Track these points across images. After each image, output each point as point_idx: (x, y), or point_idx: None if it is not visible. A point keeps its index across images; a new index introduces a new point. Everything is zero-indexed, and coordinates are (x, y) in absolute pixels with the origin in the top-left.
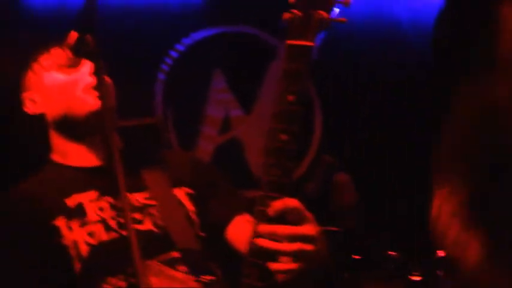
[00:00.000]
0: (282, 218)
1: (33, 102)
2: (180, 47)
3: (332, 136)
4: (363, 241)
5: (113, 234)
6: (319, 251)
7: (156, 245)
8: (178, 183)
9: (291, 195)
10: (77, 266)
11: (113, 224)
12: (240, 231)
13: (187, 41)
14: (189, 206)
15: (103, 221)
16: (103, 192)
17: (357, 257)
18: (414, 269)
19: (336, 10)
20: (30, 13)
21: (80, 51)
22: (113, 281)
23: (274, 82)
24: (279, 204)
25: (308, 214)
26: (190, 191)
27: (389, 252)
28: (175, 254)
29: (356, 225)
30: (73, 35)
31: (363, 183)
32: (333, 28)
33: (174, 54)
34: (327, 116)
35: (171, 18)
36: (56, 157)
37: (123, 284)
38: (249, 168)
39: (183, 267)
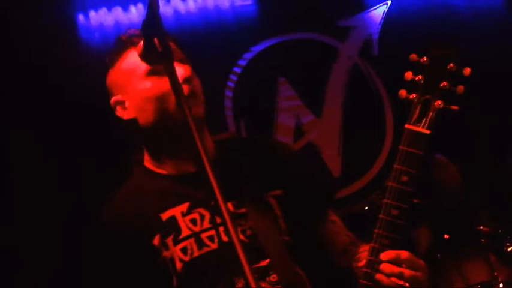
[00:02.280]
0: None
1: (123, 107)
2: (242, 62)
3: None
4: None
5: (206, 249)
6: None
7: (247, 255)
8: (267, 186)
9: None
10: (174, 282)
11: (204, 237)
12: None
13: (249, 55)
14: (277, 210)
15: (195, 235)
16: (194, 203)
17: (446, 236)
18: (508, 241)
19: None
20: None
21: (150, 57)
22: None
23: (339, 83)
24: (392, 256)
25: (420, 261)
26: (279, 192)
27: (481, 227)
28: (265, 263)
29: (458, 206)
30: (141, 42)
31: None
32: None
33: (237, 69)
34: (397, 109)
35: (229, 35)
36: (148, 164)
37: None
38: (329, 170)
39: (273, 276)
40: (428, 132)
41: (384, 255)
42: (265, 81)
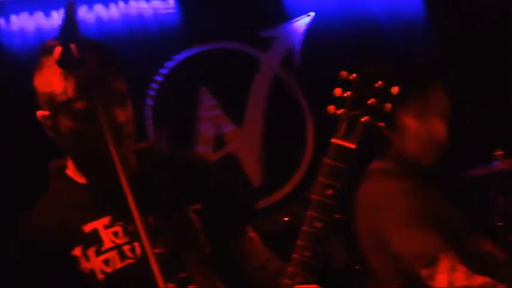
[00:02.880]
0: None
1: (49, 123)
2: (164, 71)
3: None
4: None
5: (128, 261)
6: None
7: (166, 268)
8: (187, 200)
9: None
10: None
11: (126, 249)
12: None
13: (171, 63)
14: (197, 224)
15: (117, 248)
16: (116, 217)
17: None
18: None
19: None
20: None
21: (66, 63)
22: None
23: (260, 93)
24: None
25: None
26: (198, 206)
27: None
28: (185, 275)
29: None
30: (57, 49)
31: None
32: (312, 31)
33: (159, 78)
34: (318, 120)
35: (152, 42)
36: (70, 173)
37: None
38: (248, 180)
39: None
40: (354, 146)
41: None
42: (186, 90)
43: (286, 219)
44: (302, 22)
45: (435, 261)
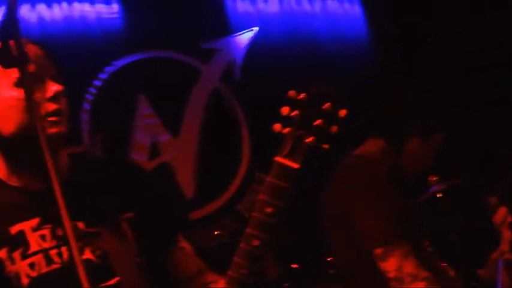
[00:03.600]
0: None
1: None
2: (103, 75)
3: (262, 155)
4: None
5: (54, 266)
6: None
7: (95, 274)
8: (119, 207)
9: None
10: None
11: (53, 254)
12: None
13: (110, 69)
14: (129, 232)
15: (44, 251)
16: (45, 220)
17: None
18: None
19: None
20: None
21: (4, 60)
22: None
23: (198, 105)
24: None
25: None
26: (130, 214)
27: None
28: (113, 282)
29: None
30: None
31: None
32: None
33: (97, 83)
34: (255, 135)
35: (93, 46)
36: (1, 175)
37: None
38: (181, 191)
39: None
40: (297, 166)
41: None
42: (124, 97)
43: (217, 232)
44: (245, 36)
45: (390, 244)
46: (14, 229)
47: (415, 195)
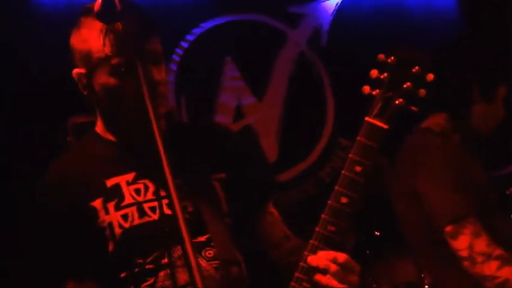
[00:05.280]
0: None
1: (84, 83)
2: (190, 37)
3: (346, 121)
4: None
5: (146, 218)
6: None
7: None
8: (211, 168)
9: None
10: (110, 247)
11: (146, 207)
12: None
13: (197, 30)
14: (220, 193)
15: (137, 204)
16: (140, 174)
17: (378, 233)
18: None
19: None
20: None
21: (106, 16)
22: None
23: (284, 69)
24: (330, 256)
25: (357, 266)
26: (222, 175)
27: None
28: (203, 239)
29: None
30: (98, 1)
31: None
32: (341, 13)
33: (184, 44)
34: (339, 101)
35: (181, 8)
36: (98, 129)
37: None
38: (264, 156)
39: (209, 252)
40: (386, 127)
41: (322, 254)
42: (211, 59)
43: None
44: (332, 2)
45: (462, 221)
46: (110, 182)
47: (495, 165)
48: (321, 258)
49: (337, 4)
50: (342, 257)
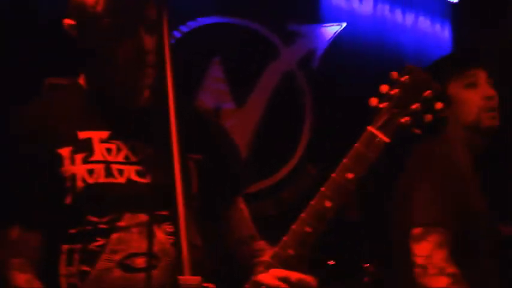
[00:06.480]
0: None
1: (76, 34)
2: (184, 28)
3: (317, 149)
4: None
5: (112, 179)
6: None
7: (148, 199)
8: (188, 147)
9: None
10: (68, 200)
11: (114, 168)
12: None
13: (193, 23)
14: (193, 174)
15: (106, 163)
16: (116, 134)
17: (331, 262)
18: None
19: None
20: None
21: None
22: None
23: (270, 82)
24: (281, 275)
25: (311, 280)
26: (199, 156)
27: (365, 264)
28: (165, 213)
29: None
30: None
31: None
32: (338, 41)
33: (177, 34)
34: (316, 128)
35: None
36: (82, 82)
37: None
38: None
39: (169, 227)
40: (387, 140)
41: (273, 272)
42: (200, 54)
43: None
44: (332, 29)
45: (431, 228)
46: (83, 134)
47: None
48: (271, 277)
49: (336, 32)
50: (295, 276)
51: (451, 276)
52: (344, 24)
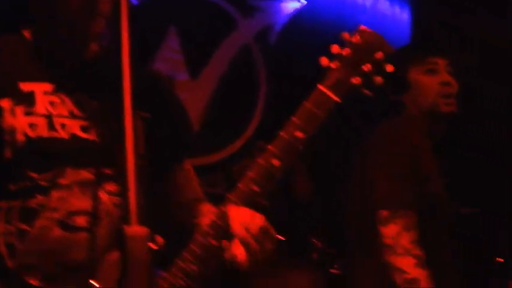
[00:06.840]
0: None
1: None
2: None
3: (270, 125)
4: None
5: (54, 134)
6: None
7: (92, 156)
8: (140, 104)
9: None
10: (7, 154)
11: (57, 122)
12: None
13: None
14: (140, 132)
15: (48, 117)
16: (61, 88)
17: (280, 237)
18: (336, 262)
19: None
20: None
21: None
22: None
23: (226, 55)
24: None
25: (271, 230)
26: (147, 115)
27: (314, 241)
28: (109, 171)
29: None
30: None
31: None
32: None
33: (134, 1)
34: (270, 104)
35: None
36: (28, 34)
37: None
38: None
39: (112, 186)
40: (337, 99)
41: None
42: (156, 23)
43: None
44: (291, 5)
45: (398, 210)
46: (25, 86)
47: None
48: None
49: (295, 9)
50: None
51: (417, 258)
52: (304, 2)
